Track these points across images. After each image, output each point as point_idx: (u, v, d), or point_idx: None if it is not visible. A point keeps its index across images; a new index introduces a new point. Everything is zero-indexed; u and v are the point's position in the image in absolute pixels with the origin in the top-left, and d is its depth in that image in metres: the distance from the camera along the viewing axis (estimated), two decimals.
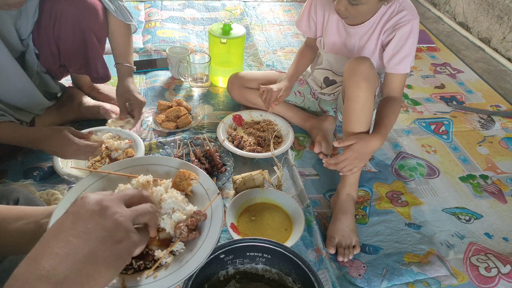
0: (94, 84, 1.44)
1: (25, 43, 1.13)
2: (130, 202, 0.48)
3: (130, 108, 1.20)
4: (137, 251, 0.48)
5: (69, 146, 1.03)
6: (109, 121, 1.18)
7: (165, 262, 0.60)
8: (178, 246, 0.61)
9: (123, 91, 1.20)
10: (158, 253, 0.60)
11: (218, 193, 0.68)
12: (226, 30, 1.52)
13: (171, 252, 0.61)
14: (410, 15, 1.09)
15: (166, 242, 0.63)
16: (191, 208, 0.65)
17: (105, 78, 1.29)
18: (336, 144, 1.06)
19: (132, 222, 0.45)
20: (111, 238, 0.42)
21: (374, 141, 1.04)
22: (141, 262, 0.59)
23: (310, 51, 1.38)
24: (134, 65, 1.26)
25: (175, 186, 0.69)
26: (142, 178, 0.66)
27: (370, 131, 1.09)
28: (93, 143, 1.08)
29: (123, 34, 1.25)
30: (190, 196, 0.70)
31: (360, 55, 1.21)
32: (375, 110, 1.32)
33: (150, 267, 0.59)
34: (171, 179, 0.69)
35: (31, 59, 1.16)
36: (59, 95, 1.36)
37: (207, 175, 0.72)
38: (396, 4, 1.10)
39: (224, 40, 1.51)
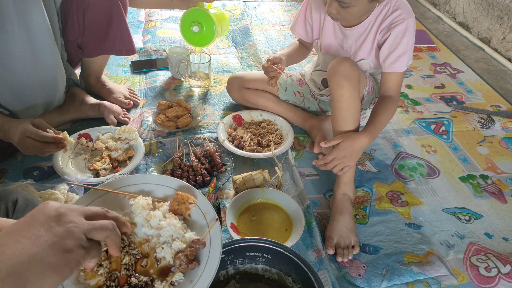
0: (102, 77, 1.45)
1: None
2: (91, 218, 0.48)
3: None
4: (90, 265, 0.48)
5: (27, 139, 0.99)
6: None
7: None
8: (177, 276, 0.60)
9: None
10: (158, 284, 0.59)
11: (217, 219, 0.66)
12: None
13: (171, 283, 0.60)
14: (405, 13, 1.09)
15: (166, 271, 0.62)
16: (190, 235, 0.64)
17: (131, 51, 1.32)
18: (322, 144, 1.06)
19: (86, 234, 0.45)
20: (60, 245, 0.43)
21: (362, 138, 1.04)
22: None
23: (303, 47, 1.39)
24: (134, 65, 1.27)
25: (173, 210, 0.67)
26: (142, 200, 0.66)
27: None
28: (53, 135, 1.02)
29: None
30: (187, 219, 0.69)
31: (356, 56, 1.21)
32: (366, 109, 1.33)
33: None
34: (168, 202, 0.68)
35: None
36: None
37: (205, 198, 0.70)
38: (390, 3, 1.11)
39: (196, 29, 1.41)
